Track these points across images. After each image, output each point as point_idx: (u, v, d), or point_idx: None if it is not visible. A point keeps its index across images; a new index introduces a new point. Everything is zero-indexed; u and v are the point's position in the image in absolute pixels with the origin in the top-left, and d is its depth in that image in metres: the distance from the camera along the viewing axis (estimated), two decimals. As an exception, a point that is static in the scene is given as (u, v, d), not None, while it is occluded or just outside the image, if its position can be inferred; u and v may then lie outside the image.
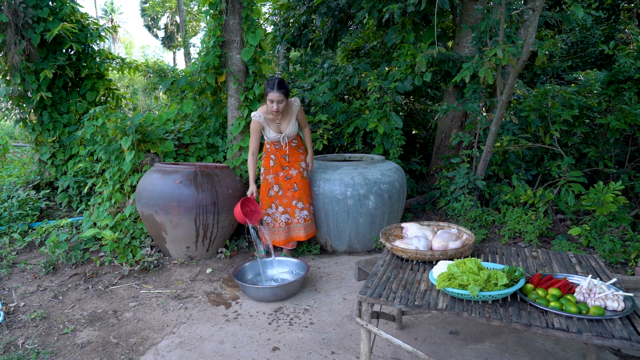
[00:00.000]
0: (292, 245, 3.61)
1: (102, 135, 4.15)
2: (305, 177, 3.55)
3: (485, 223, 4.20)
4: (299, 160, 3.53)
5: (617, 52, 5.05)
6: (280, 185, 3.51)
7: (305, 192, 3.53)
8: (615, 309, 1.56)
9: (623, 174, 4.37)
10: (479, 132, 4.58)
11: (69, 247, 3.68)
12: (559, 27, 8.36)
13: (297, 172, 3.50)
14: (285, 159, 3.49)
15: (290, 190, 3.50)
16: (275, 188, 3.51)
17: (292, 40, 7.13)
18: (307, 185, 3.58)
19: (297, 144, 3.54)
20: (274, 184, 3.51)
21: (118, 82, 13.20)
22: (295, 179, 3.50)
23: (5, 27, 4.56)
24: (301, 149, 3.58)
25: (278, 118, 3.36)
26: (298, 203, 3.50)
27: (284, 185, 3.50)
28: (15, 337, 2.50)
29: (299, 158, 3.53)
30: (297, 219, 3.52)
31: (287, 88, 3.23)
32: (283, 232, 3.52)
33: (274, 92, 3.17)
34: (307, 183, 3.57)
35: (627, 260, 3.37)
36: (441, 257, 2.07)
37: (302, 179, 3.51)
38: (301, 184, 3.50)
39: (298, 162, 3.52)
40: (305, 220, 3.53)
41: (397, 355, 2.27)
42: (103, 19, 28.90)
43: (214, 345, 2.40)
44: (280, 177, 3.50)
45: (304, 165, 3.55)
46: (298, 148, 3.55)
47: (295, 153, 3.52)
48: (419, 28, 5.85)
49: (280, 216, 3.52)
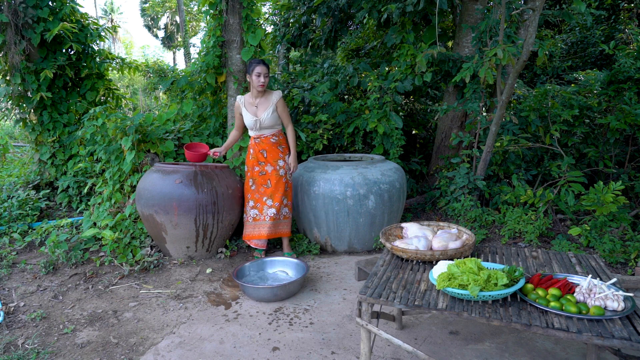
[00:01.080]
0: (257, 244, 3.60)
1: (102, 135, 4.15)
2: (281, 175, 3.52)
3: (485, 223, 4.20)
4: (277, 158, 3.52)
5: (617, 52, 5.05)
6: (254, 180, 3.56)
7: (278, 190, 3.51)
8: (615, 309, 1.56)
9: (623, 174, 4.37)
10: (479, 132, 4.58)
11: (69, 247, 3.68)
12: (559, 27, 8.36)
13: (272, 169, 3.51)
14: (262, 154, 3.51)
15: (263, 186, 3.53)
16: (250, 182, 3.59)
17: (292, 40, 7.13)
18: (283, 185, 3.54)
19: (277, 141, 3.54)
20: (249, 177, 3.59)
21: (118, 82, 13.19)
22: (270, 176, 3.51)
23: (5, 27, 4.56)
24: (282, 147, 3.57)
25: (256, 102, 3.45)
26: (268, 200, 3.52)
27: (258, 180, 3.54)
28: (15, 337, 2.50)
29: (277, 156, 3.52)
30: (263, 216, 3.53)
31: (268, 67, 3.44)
32: (250, 227, 3.58)
33: (260, 65, 3.35)
34: (282, 182, 3.53)
35: (627, 260, 3.37)
36: (441, 257, 2.07)
37: (277, 177, 3.50)
38: (275, 182, 3.50)
39: (275, 160, 3.51)
40: (271, 219, 3.51)
41: (397, 355, 2.27)
42: (103, 19, 28.91)
43: (214, 345, 2.40)
44: (255, 172, 3.55)
45: (282, 164, 3.53)
46: (278, 145, 3.54)
47: (274, 150, 3.52)
48: (419, 28, 5.85)
49: (250, 210, 3.58)
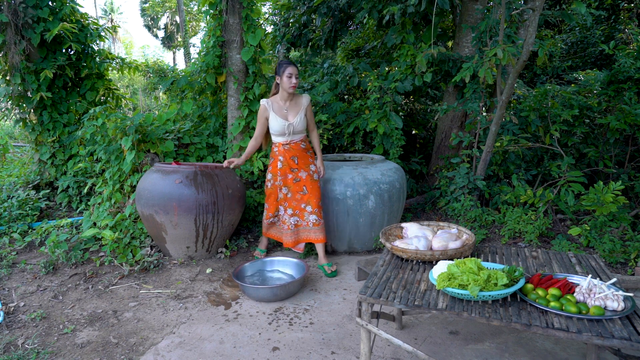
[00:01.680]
0: (299, 249, 3.56)
1: (102, 135, 4.15)
2: (315, 180, 3.43)
3: (485, 223, 4.20)
4: (308, 163, 3.42)
5: (617, 52, 5.05)
6: (289, 188, 3.42)
7: (314, 195, 3.40)
8: (615, 309, 1.56)
9: (623, 174, 4.37)
10: (479, 132, 4.58)
11: (69, 247, 3.68)
12: (559, 27, 8.36)
13: (306, 175, 3.39)
14: (294, 160, 3.39)
15: (299, 193, 3.40)
16: (284, 190, 3.43)
17: (292, 40, 7.14)
18: (317, 189, 3.43)
19: (305, 146, 3.46)
20: (283, 185, 3.42)
21: (118, 82, 13.19)
22: (305, 182, 3.39)
23: (5, 27, 4.56)
24: (310, 152, 3.49)
25: (286, 106, 3.34)
26: (307, 206, 3.40)
27: (293, 187, 3.40)
28: (15, 337, 2.50)
29: (307, 161, 3.42)
30: (306, 222, 3.42)
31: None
32: (292, 234, 3.46)
33: (291, 66, 3.23)
34: (317, 187, 3.44)
35: (627, 260, 3.37)
36: (441, 257, 2.07)
37: (311, 182, 3.40)
38: (310, 187, 3.39)
39: (307, 165, 3.41)
40: (315, 225, 3.40)
41: (397, 355, 2.27)
42: (103, 19, 28.90)
43: (214, 345, 2.40)
44: (289, 180, 3.40)
45: (314, 169, 3.44)
46: (307, 151, 3.45)
47: (304, 155, 3.43)
48: (419, 28, 5.85)
49: (289, 219, 3.44)
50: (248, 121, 4.50)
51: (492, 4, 4.71)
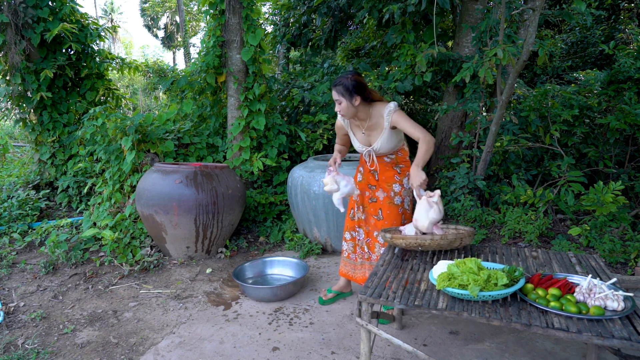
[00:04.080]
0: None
1: (102, 135, 4.15)
2: (396, 204, 2.64)
3: (485, 223, 4.20)
4: (391, 182, 2.64)
5: (617, 52, 5.05)
6: (364, 208, 2.74)
7: (392, 223, 2.63)
8: (615, 309, 1.56)
9: (623, 174, 4.37)
10: (479, 132, 4.58)
11: (69, 247, 3.68)
12: (559, 27, 8.36)
13: (384, 196, 2.65)
14: (373, 175, 2.70)
15: (373, 218, 2.67)
16: (360, 209, 2.75)
17: (292, 40, 7.14)
18: (399, 217, 2.65)
19: (393, 159, 2.67)
20: (360, 203, 2.74)
21: (118, 82, 13.19)
22: (382, 205, 2.66)
23: (5, 27, 4.56)
24: (399, 167, 2.67)
25: (363, 125, 2.58)
26: (379, 236, 2.63)
27: (368, 209, 2.71)
28: (15, 337, 2.50)
29: (391, 178, 2.65)
30: (376, 255, 2.69)
31: (346, 85, 2.41)
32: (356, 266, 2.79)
33: (332, 90, 2.49)
34: (398, 213, 2.64)
35: (627, 260, 3.37)
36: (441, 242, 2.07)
37: (389, 206, 2.64)
38: (387, 213, 2.63)
39: (389, 184, 2.65)
40: None
41: (397, 355, 2.27)
42: (103, 19, 28.90)
43: (214, 345, 2.40)
44: (365, 198, 2.73)
45: (398, 189, 2.64)
46: (395, 165, 2.67)
47: (388, 171, 2.66)
48: (419, 28, 5.85)
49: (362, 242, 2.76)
50: (248, 121, 4.50)
51: (492, 4, 4.71)
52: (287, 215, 4.40)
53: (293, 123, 5.48)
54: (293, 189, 3.82)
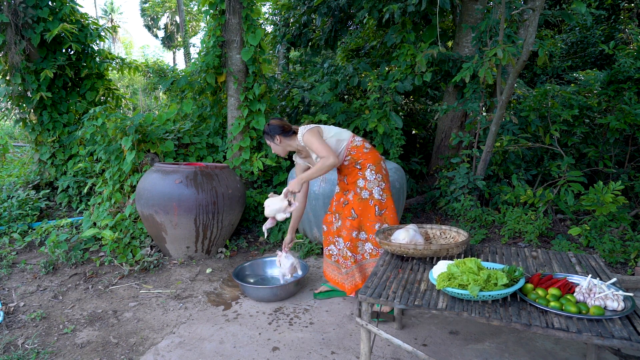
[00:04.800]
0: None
1: (102, 135, 4.15)
2: (364, 198, 2.68)
3: (485, 223, 4.20)
4: (355, 179, 2.72)
5: (617, 52, 5.05)
6: (339, 214, 2.77)
7: (367, 218, 2.68)
8: (615, 309, 1.56)
9: (623, 174, 4.37)
10: (479, 132, 4.58)
11: (69, 247, 3.68)
12: (559, 27, 8.36)
13: (353, 195, 2.72)
14: (344, 181, 2.81)
15: (349, 219, 2.70)
16: (336, 217, 2.80)
17: (292, 40, 7.14)
18: (369, 209, 2.69)
19: (350, 160, 2.74)
20: (335, 212, 2.82)
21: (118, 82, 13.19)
22: (353, 204, 2.70)
23: (5, 27, 4.56)
24: (358, 164, 2.72)
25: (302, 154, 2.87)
26: (360, 234, 2.71)
27: (343, 213, 2.74)
28: (15, 337, 2.50)
29: (355, 176, 2.73)
30: (361, 254, 2.74)
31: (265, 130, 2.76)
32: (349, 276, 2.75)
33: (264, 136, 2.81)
34: (368, 206, 2.69)
35: (627, 260, 3.37)
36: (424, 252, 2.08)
37: (359, 203, 2.69)
38: (359, 210, 2.69)
39: (354, 182, 2.73)
40: (372, 256, 2.72)
41: (397, 355, 2.27)
42: (103, 19, 28.89)
43: (214, 345, 2.40)
44: (339, 204, 2.80)
45: (362, 184, 2.70)
46: (354, 164, 2.73)
47: (351, 172, 2.75)
48: (419, 28, 5.85)
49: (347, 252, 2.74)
50: (248, 121, 4.50)
51: (492, 4, 4.71)
52: (287, 215, 4.39)
53: (293, 123, 5.48)
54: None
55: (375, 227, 2.65)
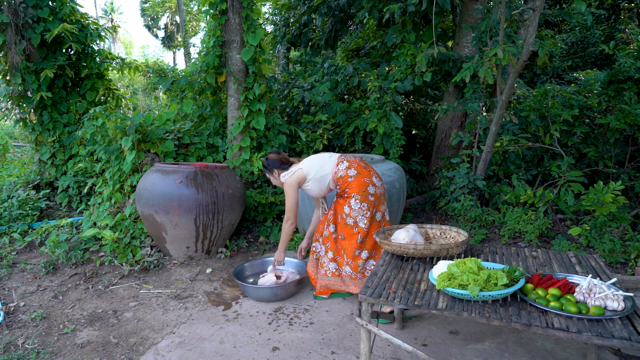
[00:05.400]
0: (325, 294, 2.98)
1: (102, 135, 4.15)
2: (350, 225, 2.76)
3: (485, 223, 4.20)
4: (343, 204, 2.80)
5: (617, 52, 5.05)
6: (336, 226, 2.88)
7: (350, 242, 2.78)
8: (615, 309, 1.56)
9: (623, 174, 4.37)
10: (479, 132, 4.58)
11: (69, 247, 3.68)
12: (559, 27, 8.36)
13: (340, 218, 2.83)
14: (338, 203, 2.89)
15: (339, 238, 2.84)
16: (333, 227, 2.88)
17: (292, 40, 7.15)
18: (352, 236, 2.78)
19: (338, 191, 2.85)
20: (332, 222, 2.88)
21: (118, 82, 13.19)
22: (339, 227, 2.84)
23: (6, 27, 4.56)
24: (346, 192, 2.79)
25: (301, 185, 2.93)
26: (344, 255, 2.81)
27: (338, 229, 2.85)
28: (15, 337, 2.50)
29: (344, 201, 2.80)
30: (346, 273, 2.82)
31: (264, 164, 2.94)
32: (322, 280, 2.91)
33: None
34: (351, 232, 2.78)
35: (627, 260, 3.37)
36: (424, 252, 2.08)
37: (344, 227, 2.79)
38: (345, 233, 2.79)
39: (342, 207, 2.80)
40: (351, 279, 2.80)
41: (397, 355, 2.27)
42: (103, 19, 28.89)
43: (214, 345, 2.40)
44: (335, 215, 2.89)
45: (347, 211, 2.76)
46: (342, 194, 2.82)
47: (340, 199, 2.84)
48: (419, 28, 5.85)
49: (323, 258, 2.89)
50: (248, 121, 4.50)
51: (492, 4, 4.71)
52: (287, 215, 4.39)
53: (293, 123, 5.48)
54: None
55: (355, 254, 2.75)
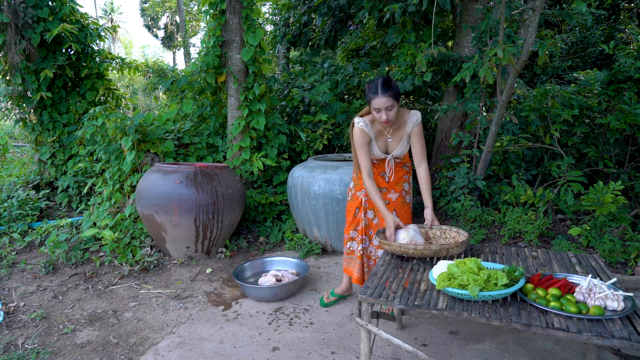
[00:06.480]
0: None
1: (102, 135, 4.15)
2: (407, 203, 2.64)
3: (485, 223, 4.20)
4: (401, 181, 2.63)
5: (617, 51, 5.05)
6: (375, 212, 2.65)
7: (406, 221, 2.60)
8: (615, 309, 1.56)
9: (623, 174, 4.37)
10: (479, 132, 4.58)
11: (69, 247, 3.68)
12: (559, 27, 8.36)
13: (397, 196, 2.62)
14: (383, 177, 2.61)
15: None
16: (369, 214, 2.65)
17: (292, 40, 7.14)
18: (410, 214, 2.67)
19: (401, 160, 2.65)
20: (368, 208, 2.64)
21: (118, 82, 13.19)
22: (395, 205, 2.60)
23: (5, 27, 4.56)
24: (406, 167, 2.66)
25: (389, 130, 2.50)
26: None
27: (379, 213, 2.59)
28: (15, 337, 2.50)
29: (401, 178, 2.63)
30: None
31: (396, 89, 2.32)
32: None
33: (378, 97, 2.28)
34: (409, 211, 2.65)
35: (627, 260, 3.37)
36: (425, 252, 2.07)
37: (403, 206, 2.62)
38: (401, 212, 2.61)
39: (399, 184, 2.63)
40: None
41: (397, 355, 2.27)
42: (103, 19, 28.89)
43: (214, 345, 2.40)
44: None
45: (407, 188, 2.64)
46: (402, 165, 2.65)
47: (398, 172, 2.62)
48: (419, 28, 5.85)
49: (376, 252, 2.67)
50: (248, 121, 4.50)
51: (492, 4, 4.71)
52: (287, 215, 4.40)
53: (293, 123, 5.48)
54: (293, 189, 3.82)
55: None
